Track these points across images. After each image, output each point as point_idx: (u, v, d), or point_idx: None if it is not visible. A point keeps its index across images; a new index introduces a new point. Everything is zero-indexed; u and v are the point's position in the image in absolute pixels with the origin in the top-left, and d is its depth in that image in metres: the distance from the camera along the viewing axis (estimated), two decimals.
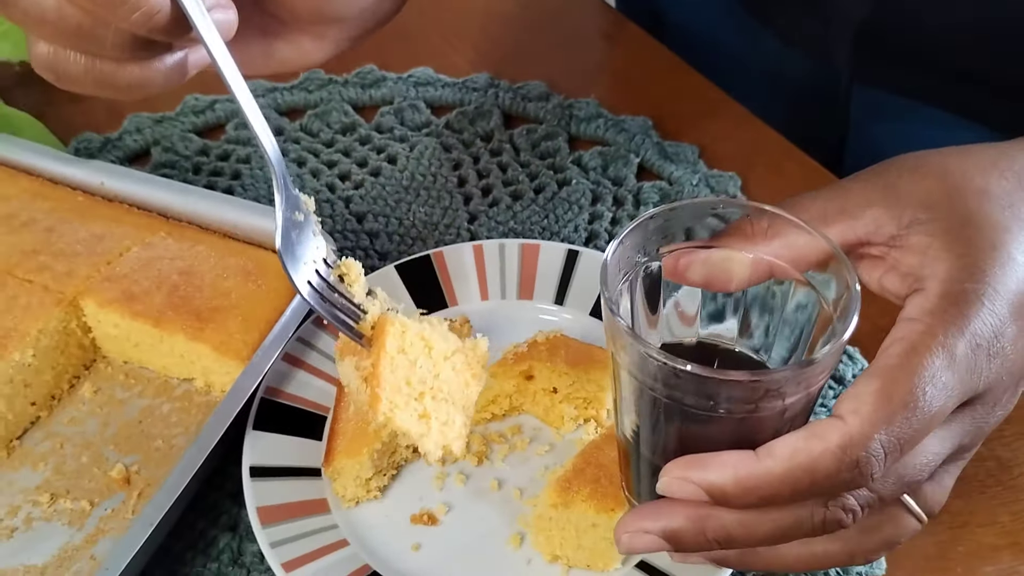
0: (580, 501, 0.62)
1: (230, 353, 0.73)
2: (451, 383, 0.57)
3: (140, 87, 0.54)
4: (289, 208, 0.59)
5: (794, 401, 0.47)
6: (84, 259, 0.78)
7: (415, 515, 0.69)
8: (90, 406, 0.77)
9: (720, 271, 0.54)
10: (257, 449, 0.69)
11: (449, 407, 0.57)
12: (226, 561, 0.68)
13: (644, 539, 0.52)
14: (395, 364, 0.56)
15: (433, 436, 0.57)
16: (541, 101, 0.99)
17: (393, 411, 0.56)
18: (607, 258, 0.51)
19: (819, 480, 0.45)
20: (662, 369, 0.48)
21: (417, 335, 0.57)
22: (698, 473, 0.48)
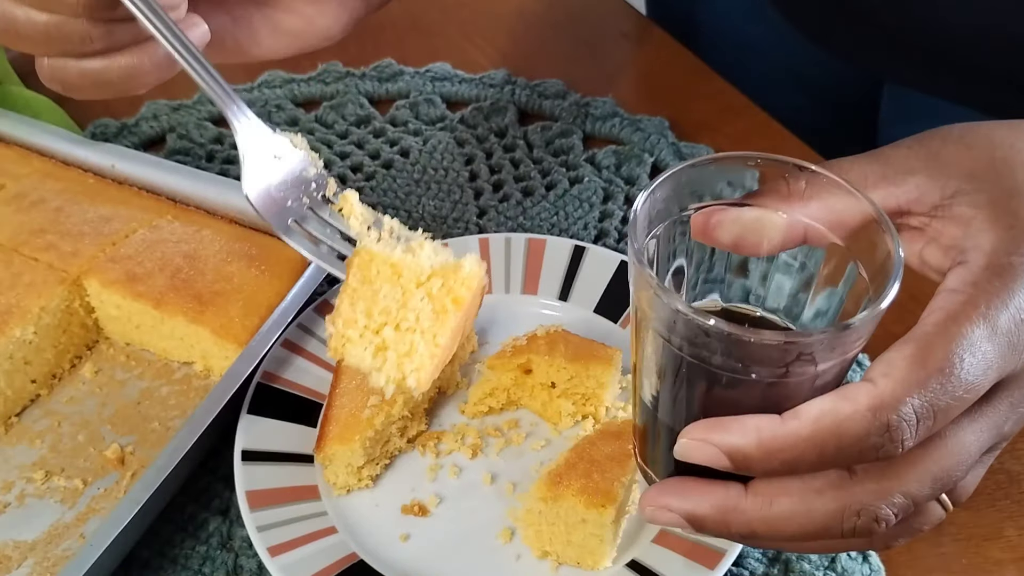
0: (570, 496, 0.61)
1: (229, 337, 0.73)
2: (421, 311, 0.52)
3: (132, 79, 0.55)
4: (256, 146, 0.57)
5: (826, 368, 0.45)
6: (90, 239, 0.79)
7: (406, 505, 0.68)
8: (90, 386, 0.77)
9: (752, 232, 0.50)
10: (250, 433, 0.69)
11: (414, 336, 0.53)
12: (215, 544, 0.68)
13: (666, 515, 0.49)
14: (356, 296, 0.53)
15: (387, 370, 0.53)
16: (557, 99, 0.98)
17: (345, 345, 0.53)
18: (636, 207, 0.48)
19: (847, 444, 0.43)
20: (691, 326, 0.44)
21: (386, 262, 0.54)
22: (719, 435, 0.45)
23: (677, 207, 0.51)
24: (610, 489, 0.61)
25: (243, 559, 0.67)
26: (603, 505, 0.60)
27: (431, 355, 0.52)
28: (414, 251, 0.55)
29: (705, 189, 0.52)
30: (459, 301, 0.53)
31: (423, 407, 0.72)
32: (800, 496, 0.46)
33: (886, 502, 0.45)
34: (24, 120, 0.89)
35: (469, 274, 0.53)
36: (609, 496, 0.61)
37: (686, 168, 0.51)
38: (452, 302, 0.53)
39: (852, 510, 0.45)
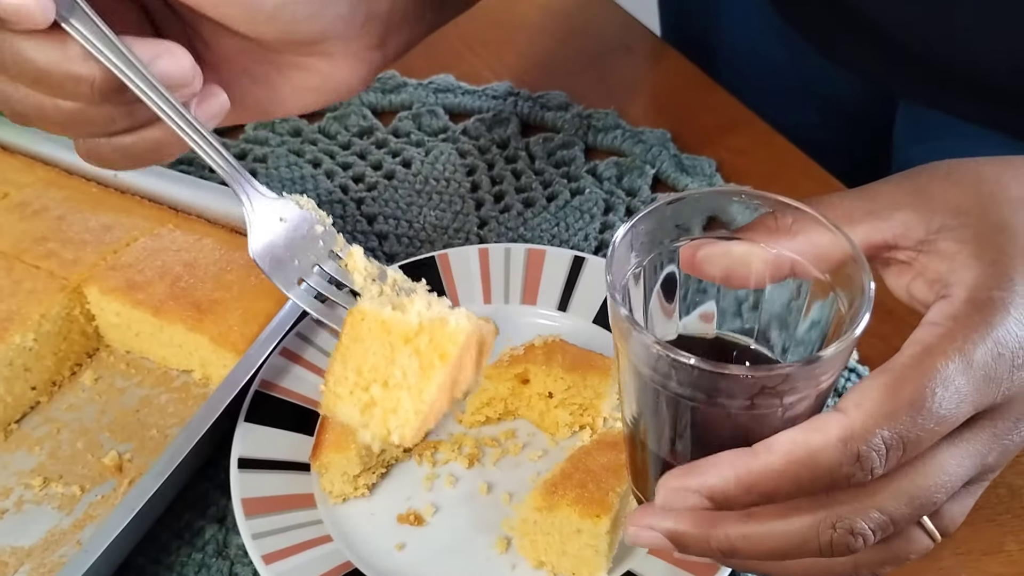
0: (565, 506, 0.61)
1: (227, 345, 0.73)
2: (408, 367, 0.54)
3: (160, 151, 0.58)
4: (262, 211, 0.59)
5: (795, 400, 0.45)
6: (91, 248, 0.79)
7: (401, 514, 0.68)
8: (89, 393, 0.77)
9: (740, 265, 0.52)
10: (247, 441, 0.69)
11: (400, 393, 0.54)
12: (210, 552, 0.68)
13: (649, 535, 0.50)
14: (348, 354, 0.55)
15: (373, 426, 0.54)
16: (560, 111, 0.98)
17: (336, 403, 0.55)
18: (615, 240, 0.49)
19: (820, 475, 0.44)
20: (658, 358, 0.45)
21: (376, 320, 0.56)
22: (696, 480, 0.45)
23: (661, 240, 0.52)
24: (605, 499, 0.61)
25: (239, 567, 0.67)
26: (598, 515, 0.60)
27: (416, 411, 0.53)
28: (405, 307, 0.56)
29: (690, 223, 0.53)
30: (446, 356, 0.54)
31: None
32: (778, 511, 0.46)
33: (862, 516, 0.46)
34: (28, 129, 0.89)
35: (455, 329, 0.54)
36: (604, 506, 0.61)
37: (670, 203, 0.52)
38: (439, 358, 0.54)
39: (827, 522, 0.45)
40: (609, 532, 0.61)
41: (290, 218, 0.60)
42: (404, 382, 0.54)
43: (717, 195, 0.53)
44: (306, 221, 0.61)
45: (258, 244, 0.59)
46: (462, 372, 0.57)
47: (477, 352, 0.59)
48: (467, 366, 0.58)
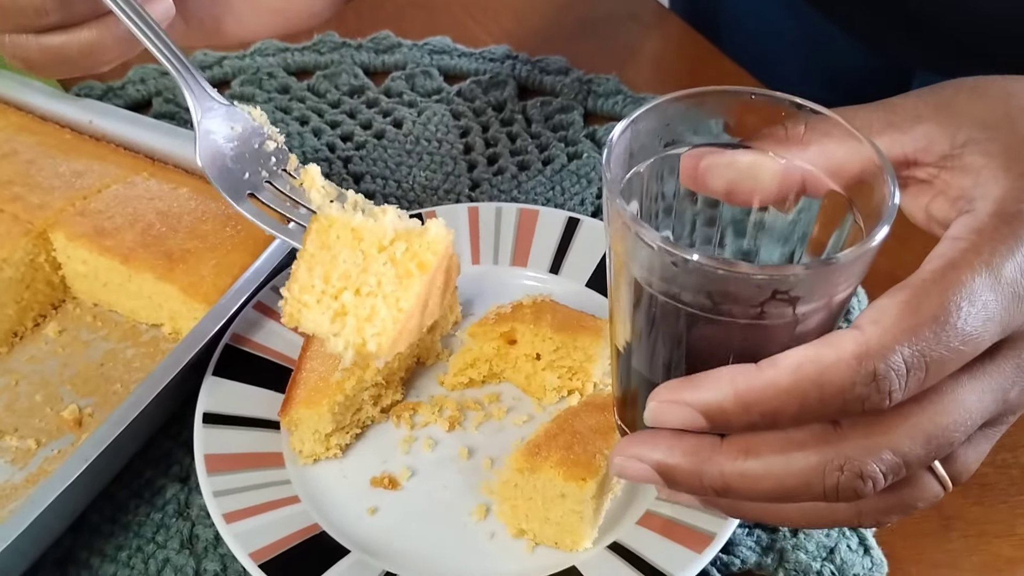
0: (548, 468, 0.57)
1: (198, 296, 0.69)
2: (383, 275, 0.50)
3: (93, 55, 0.53)
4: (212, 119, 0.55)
5: (807, 312, 0.41)
6: (60, 193, 0.75)
7: (375, 477, 0.63)
8: (53, 346, 0.73)
9: (746, 178, 0.47)
10: (214, 396, 0.65)
11: (376, 301, 0.50)
12: (171, 512, 0.63)
13: (637, 467, 0.45)
14: (314, 262, 0.51)
15: (346, 334, 0.50)
16: (559, 75, 0.94)
17: (300, 311, 0.50)
18: (613, 137, 0.44)
19: (830, 395, 0.39)
20: (660, 258, 0.41)
21: (346, 227, 0.51)
22: (691, 393, 0.42)
23: (661, 143, 0.47)
24: (591, 462, 0.57)
25: (200, 528, 0.62)
26: (583, 478, 0.56)
27: (394, 320, 0.49)
28: (377, 216, 0.52)
29: (695, 126, 0.47)
30: (424, 265, 0.50)
31: (400, 376, 0.67)
32: (779, 447, 0.42)
33: (873, 457, 0.41)
34: (1, 74, 0.85)
35: (435, 237, 0.50)
36: (590, 469, 0.56)
37: (673, 100, 0.46)
38: (417, 267, 0.50)
39: (835, 464, 0.41)
40: (595, 497, 0.56)
41: (241, 129, 0.56)
42: (379, 290, 0.49)
43: (725, 94, 0.47)
44: (258, 135, 0.57)
45: (206, 149, 0.54)
46: (439, 288, 0.53)
47: (444, 281, 0.54)
48: (444, 283, 0.53)
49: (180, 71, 0.54)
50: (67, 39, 0.53)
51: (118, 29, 0.54)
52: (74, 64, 0.54)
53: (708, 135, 0.48)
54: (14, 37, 0.53)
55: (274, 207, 0.56)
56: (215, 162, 0.55)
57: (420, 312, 0.51)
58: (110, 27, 0.54)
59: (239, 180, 0.55)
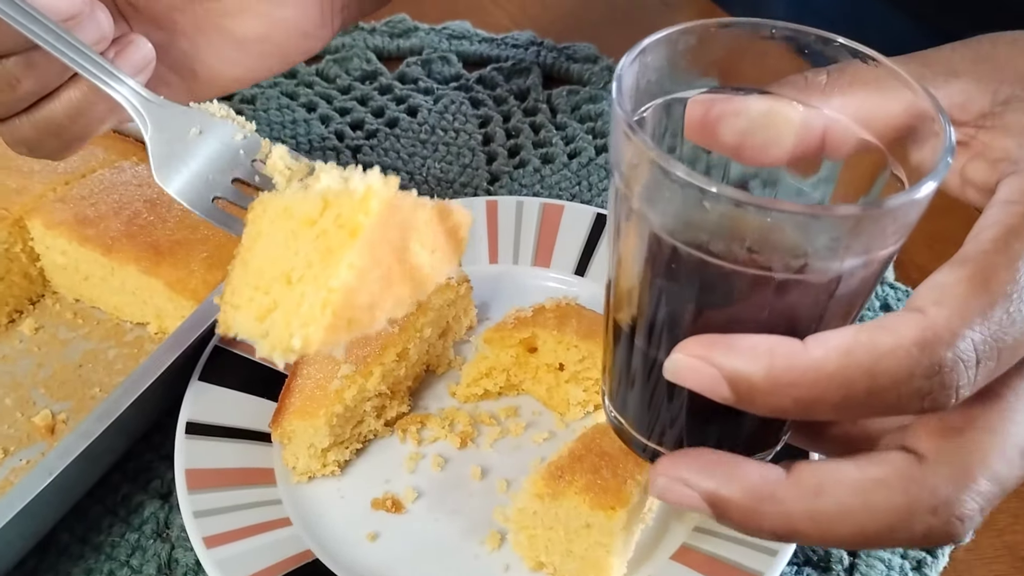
0: (573, 494, 0.50)
1: (186, 292, 0.63)
2: (311, 255, 0.40)
3: (83, 115, 0.51)
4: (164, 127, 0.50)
5: (852, 268, 0.35)
6: (40, 177, 0.69)
7: (377, 499, 0.57)
8: (28, 344, 0.67)
9: (760, 129, 0.40)
10: (200, 403, 0.58)
11: (306, 286, 0.40)
12: (148, 533, 0.57)
13: (681, 492, 0.39)
14: (250, 255, 0.42)
15: (273, 334, 0.40)
16: (588, 63, 0.88)
17: (233, 317, 0.42)
18: (621, 68, 0.38)
19: (882, 387, 0.34)
20: (689, 197, 0.35)
21: (278, 208, 0.42)
22: (722, 355, 0.35)
23: (671, 82, 0.41)
24: (621, 489, 0.50)
25: (179, 552, 0.56)
26: (612, 507, 0.49)
27: (323, 303, 0.39)
28: (310, 185, 0.42)
29: (707, 67, 0.41)
30: (356, 230, 0.39)
31: (406, 385, 0.61)
32: (856, 486, 0.36)
33: (969, 493, 0.35)
34: None
35: (366, 193, 0.39)
36: (620, 497, 0.49)
37: (685, 32, 0.40)
38: (349, 234, 0.39)
39: (926, 505, 0.35)
40: (625, 528, 0.49)
41: (201, 131, 0.50)
42: (309, 272, 0.40)
43: (745, 27, 0.41)
44: (222, 130, 0.51)
45: (159, 163, 0.49)
46: (411, 258, 0.42)
47: (444, 238, 0.45)
48: (419, 251, 0.43)
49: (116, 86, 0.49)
50: (53, 107, 0.50)
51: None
52: (67, 132, 0.51)
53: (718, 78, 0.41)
54: (7, 123, 0.51)
55: (237, 202, 0.49)
56: (171, 172, 0.49)
57: (381, 286, 0.41)
58: (89, 83, 0.50)
59: (201, 185, 0.50)
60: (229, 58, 0.58)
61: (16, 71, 0.48)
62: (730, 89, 0.41)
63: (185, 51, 0.57)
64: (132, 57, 0.52)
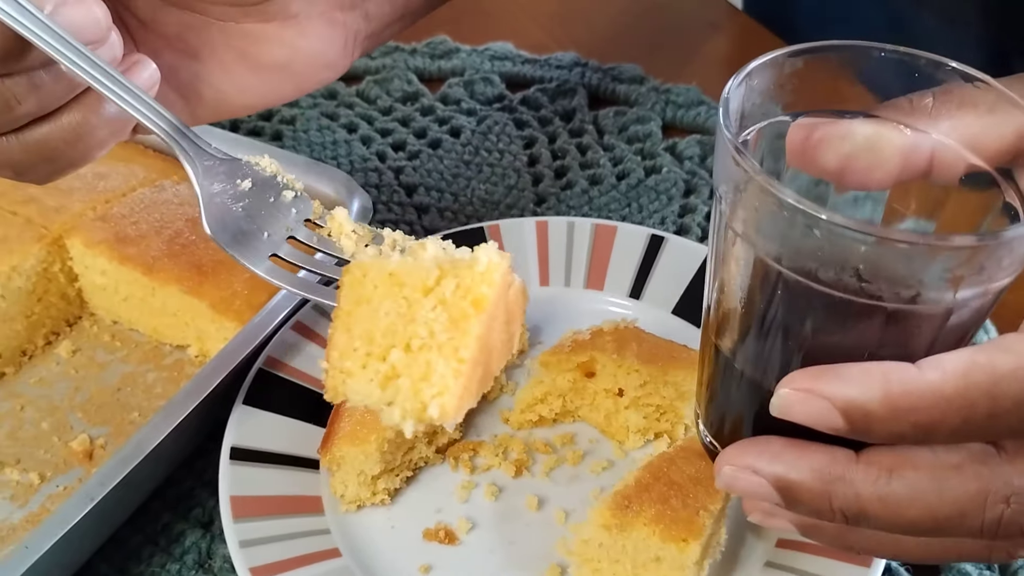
0: (642, 525, 0.47)
1: (229, 313, 0.61)
2: (434, 322, 0.41)
3: (81, 140, 0.47)
4: (215, 178, 0.48)
5: (967, 297, 0.35)
6: (80, 195, 0.67)
7: (429, 530, 0.54)
8: (65, 367, 0.65)
9: (864, 153, 0.39)
10: (244, 428, 0.56)
11: (430, 355, 0.41)
12: (190, 563, 0.54)
13: (749, 480, 0.38)
14: (352, 320, 0.42)
15: (401, 402, 0.41)
16: (634, 83, 0.86)
17: (344, 382, 0.42)
18: (729, 90, 0.38)
19: (1004, 410, 0.33)
20: (799, 223, 0.34)
21: (382, 273, 0.42)
22: (834, 385, 0.34)
23: (774, 105, 0.40)
24: (693, 520, 0.47)
25: None
26: (684, 539, 0.46)
27: (455, 373, 0.40)
28: (416, 253, 0.44)
29: (811, 90, 0.40)
30: (480, 302, 0.41)
31: None
32: (930, 468, 0.35)
33: None
34: None
35: (489, 267, 0.41)
36: (692, 529, 0.47)
37: (792, 54, 0.40)
38: (472, 304, 0.41)
39: (1000, 494, 0.35)
40: (697, 563, 0.47)
41: (251, 183, 0.48)
42: (432, 341, 0.41)
43: (853, 51, 0.40)
44: (271, 186, 0.49)
45: (213, 216, 0.47)
46: (504, 322, 0.44)
47: (509, 315, 0.45)
48: (509, 315, 0.44)
49: (169, 132, 0.47)
50: (49, 129, 0.46)
51: (102, 107, 0.47)
52: (62, 157, 0.47)
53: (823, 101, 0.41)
54: None
55: (300, 264, 0.47)
56: (226, 228, 0.47)
57: (486, 358, 0.42)
58: (92, 106, 0.47)
59: (257, 241, 0.47)
60: (242, 84, 0.54)
61: (18, 91, 0.44)
62: (834, 112, 0.40)
63: (195, 73, 0.53)
64: (138, 78, 0.48)
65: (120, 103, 0.44)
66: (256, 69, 0.53)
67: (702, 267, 0.64)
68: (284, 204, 0.49)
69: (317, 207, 0.50)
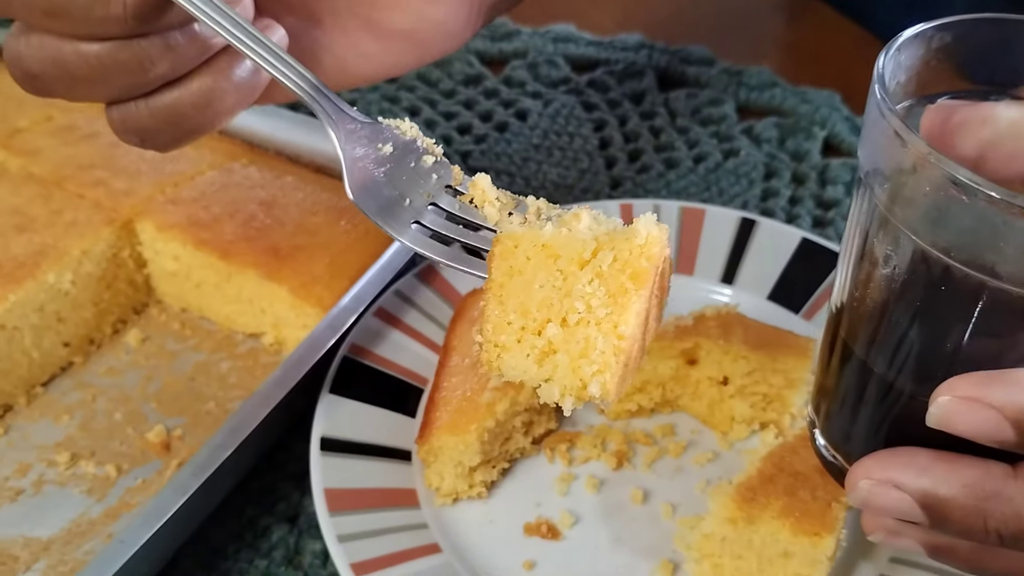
0: (770, 518, 0.45)
1: (311, 299, 0.58)
2: (592, 297, 0.39)
3: (210, 106, 0.45)
4: (357, 142, 0.45)
5: None
6: (148, 178, 0.64)
7: (530, 524, 0.52)
8: (134, 356, 0.62)
9: (1006, 139, 0.35)
10: (333, 417, 0.53)
11: (588, 331, 0.38)
12: (278, 559, 0.52)
13: (889, 496, 0.35)
14: (505, 293, 0.40)
15: (561, 378, 0.39)
16: (704, 65, 0.83)
17: (500, 356, 0.39)
18: (881, 67, 0.35)
19: None
20: (981, 209, 0.31)
21: (535, 244, 0.40)
22: (1003, 393, 0.32)
23: (919, 83, 0.37)
24: (826, 513, 0.45)
25: None
26: (817, 533, 0.44)
27: (615, 351, 0.38)
28: (569, 224, 0.41)
29: (959, 67, 0.38)
30: (639, 276, 0.38)
31: None
32: None
33: None
34: None
35: (648, 239, 0.39)
36: (825, 522, 0.44)
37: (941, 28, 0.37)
38: (630, 279, 0.38)
39: None
40: (831, 557, 0.44)
41: (392, 148, 0.46)
42: (590, 316, 0.38)
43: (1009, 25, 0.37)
44: (412, 151, 0.46)
45: (356, 182, 0.44)
46: (657, 299, 0.41)
47: (667, 273, 0.43)
48: (660, 292, 0.42)
49: (311, 94, 0.45)
50: (179, 94, 0.45)
51: (232, 71, 0.45)
52: (189, 123, 0.46)
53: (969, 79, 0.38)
54: (122, 108, 0.45)
55: (445, 232, 0.45)
56: (370, 194, 0.44)
57: (643, 335, 0.40)
58: (223, 71, 0.45)
59: (399, 208, 0.45)
60: (365, 52, 0.53)
61: (153, 52, 0.43)
62: (978, 93, 0.37)
63: (316, 39, 0.52)
64: None
65: (261, 62, 0.42)
66: (379, 36, 0.50)
67: (798, 251, 0.62)
68: (424, 169, 0.46)
69: (457, 173, 0.47)
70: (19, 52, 0.42)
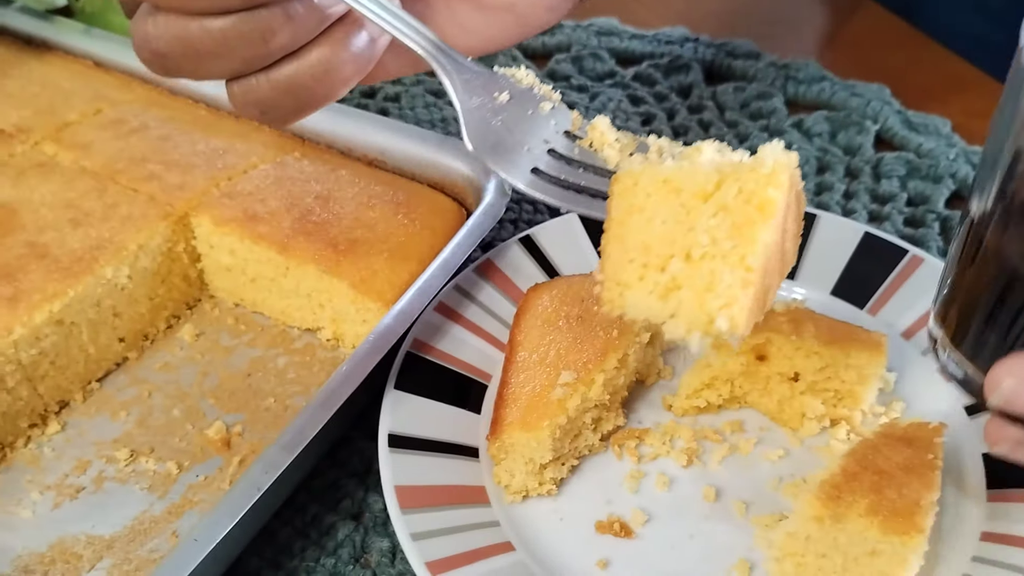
0: (857, 516, 0.44)
1: (371, 294, 0.57)
2: (717, 230, 0.37)
3: (328, 76, 0.46)
4: (473, 92, 0.45)
5: None
6: (202, 172, 0.64)
7: (602, 522, 0.51)
8: (189, 352, 0.62)
9: None
10: (399, 413, 0.53)
11: (714, 264, 0.37)
12: (345, 558, 0.51)
13: None
14: (625, 231, 0.39)
15: (686, 314, 0.37)
16: (750, 59, 0.82)
17: (622, 295, 0.38)
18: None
19: None
20: None
21: (655, 180, 0.39)
22: None
23: None
24: (914, 511, 0.44)
25: None
26: (906, 532, 0.43)
27: (743, 283, 0.36)
28: (691, 158, 0.40)
29: None
30: (767, 206, 0.36)
31: (622, 395, 0.55)
32: None
33: None
34: (127, 43, 0.74)
35: (775, 167, 0.37)
36: (915, 521, 0.43)
37: None
38: (757, 209, 0.37)
39: None
40: (921, 558, 0.43)
41: (508, 96, 0.45)
42: (715, 250, 0.37)
43: None
44: (529, 98, 0.46)
45: (473, 130, 0.44)
46: (788, 233, 0.40)
47: (799, 207, 0.42)
48: (791, 225, 0.41)
49: (427, 47, 0.45)
50: (297, 66, 0.46)
51: (349, 41, 0.46)
52: (308, 94, 0.47)
53: None
54: (243, 82, 0.46)
55: (566, 177, 0.44)
56: (487, 142, 0.44)
57: (776, 268, 0.39)
58: (340, 40, 0.46)
59: (519, 155, 0.44)
60: (468, 25, 0.52)
61: (274, 22, 0.43)
62: None
63: (418, 12, 0.51)
64: None
65: (379, 21, 0.43)
66: (482, 8, 0.50)
67: (860, 245, 0.61)
68: (542, 116, 0.46)
69: (576, 118, 0.47)
70: (147, 33, 0.43)
